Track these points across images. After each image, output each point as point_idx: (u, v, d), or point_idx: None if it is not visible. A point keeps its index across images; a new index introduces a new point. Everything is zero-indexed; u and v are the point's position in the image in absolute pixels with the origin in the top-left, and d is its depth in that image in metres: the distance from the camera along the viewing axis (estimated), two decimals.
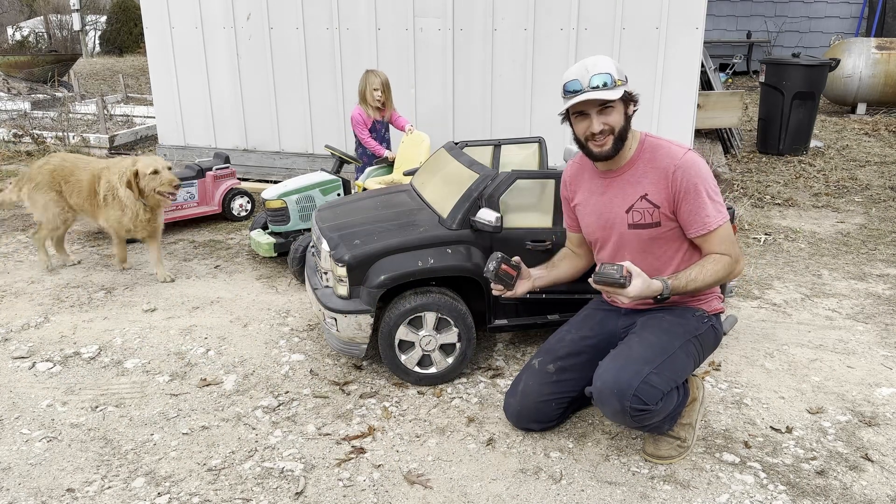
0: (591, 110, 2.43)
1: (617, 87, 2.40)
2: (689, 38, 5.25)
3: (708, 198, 2.43)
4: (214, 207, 5.46)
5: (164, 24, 6.54)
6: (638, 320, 2.64)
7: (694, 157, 2.46)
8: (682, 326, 2.55)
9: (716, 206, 2.44)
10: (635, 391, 2.35)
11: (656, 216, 2.50)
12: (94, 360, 3.36)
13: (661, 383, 2.40)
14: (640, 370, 2.38)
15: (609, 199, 2.60)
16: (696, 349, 2.56)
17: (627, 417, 2.39)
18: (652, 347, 2.47)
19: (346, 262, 2.99)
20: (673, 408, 2.51)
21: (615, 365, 2.44)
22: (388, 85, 5.03)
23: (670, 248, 2.56)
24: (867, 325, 3.69)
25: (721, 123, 7.17)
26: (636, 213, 2.52)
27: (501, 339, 3.57)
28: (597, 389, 2.44)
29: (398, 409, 2.96)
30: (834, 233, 5.15)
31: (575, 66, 2.45)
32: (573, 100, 2.41)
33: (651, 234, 2.53)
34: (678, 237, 2.53)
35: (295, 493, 2.45)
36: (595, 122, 2.43)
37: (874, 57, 9.36)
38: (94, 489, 2.47)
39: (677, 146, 2.50)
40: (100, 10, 20.32)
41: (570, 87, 2.42)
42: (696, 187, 2.41)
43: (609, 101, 2.41)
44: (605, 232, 2.65)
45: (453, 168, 3.38)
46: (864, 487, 2.46)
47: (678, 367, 2.48)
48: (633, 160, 2.54)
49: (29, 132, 8.05)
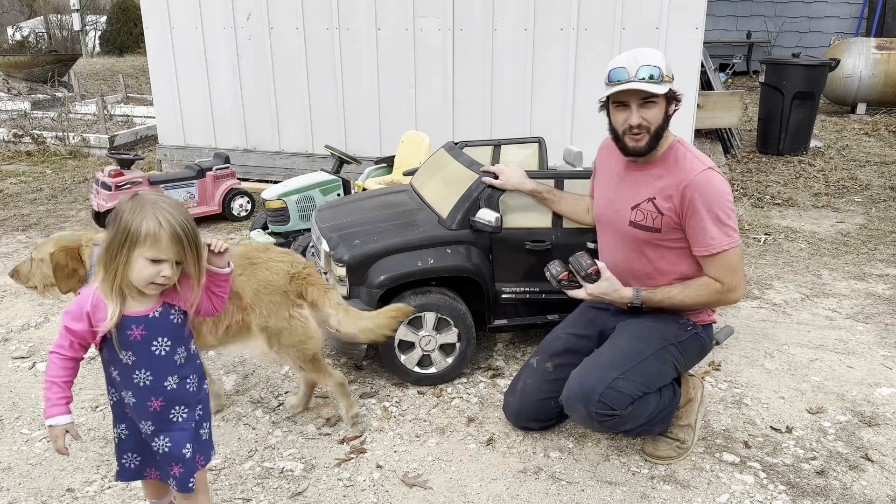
0: (633, 102, 2.36)
1: (664, 83, 2.33)
2: (689, 38, 5.25)
3: (716, 220, 2.36)
4: (214, 207, 5.46)
5: (164, 24, 6.53)
6: (618, 324, 2.63)
7: (710, 177, 2.38)
8: (660, 332, 2.52)
9: (723, 229, 2.36)
10: (600, 396, 2.34)
11: (658, 222, 2.46)
12: (94, 360, 3.36)
13: (630, 388, 2.39)
14: (605, 375, 2.38)
15: (623, 189, 2.58)
16: (674, 355, 2.52)
17: (595, 423, 2.40)
18: (622, 353, 2.46)
19: (346, 262, 2.99)
20: (654, 412, 2.49)
21: (581, 371, 2.45)
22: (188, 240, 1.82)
23: (665, 257, 2.52)
24: (867, 325, 3.69)
25: (721, 123, 7.16)
26: (640, 212, 2.50)
27: (501, 339, 3.57)
28: (564, 397, 2.46)
29: (398, 409, 2.96)
30: (834, 233, 5.15)
31: (624, 54, 2.38)
32: (616, 88, 2.34)
33: (648, 237, 2.51)
34: (677, 249, 2.49)
35: (295, 493, 2.45)
36: (635, 114, 2.36)
37: (874, 57, 9.36)
38: (94, 489, 2.47)
39: (700, 162, 2.42)
40: (100, 10, 20.32)
41: (615, 75, 2.35)
42: (701, 207, 2.35)
43: (652, 96, 2.34)
44: (608, 219, 2.65)
45: (453, 168, 3.37)
46: (864, 487, 2.46)
47: (651, 373, 2.46)
48: (657, 161, 2.49)
49: (29, 132, 8.06)
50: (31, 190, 6.46)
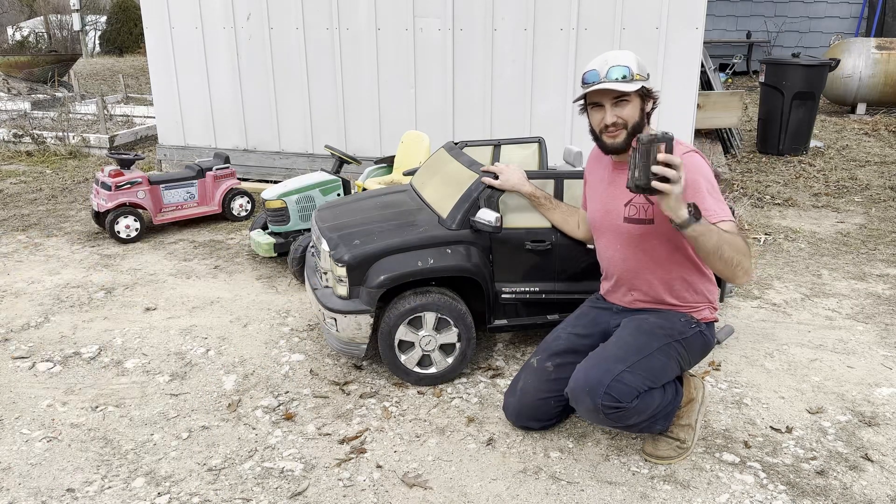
0: (606, 102, 2.46)
1: (634, 81, 2.41)
2: (689, 38, 5.25)
3: (708, 194, 2.41)
4: (214, 207, 5.46)
5: (164, 24, 6.53)
6: (622, 321, 2.65)
7: (694, 157, 2.46)
8: (665, 329, 2.55)
9: (717, 203, 2.43)
10: (606, 388, 2.36)
11: (650, 213, 2.51)
12: (94, 360, 3.36)
13: (636, 382, 2.40)
14: (611, 368, 2.40)
15: (613, 190, 2.63)
16: (678, 352, 2.54)
17: (601, 415, 2.40)
18: (627, 347, 2.49)
19: (346, 262, 2.99)
20: (658, 408, 2.50)
21: (587, 364, 2.47)
22: None
23: (662, 247, 2.55)
24: (867, 325, 3.69)
25: (721, 123, 7.16)
26: (632, 207, 2.55)
27: (501, 339, 3.57)
28: (570, 389, 2.47)
29: (398, 409, 2.96)
30: (834, 233, 5.15)
31: (597, 57, 2.48)
32: (588, 89, 2.45)
33: (642, 230, 2.54)
34: (672, 239, 2.52)
35: (295, 493, 2.45)
36: (609, 113, 2.46)
37: (874, 57, 9.36)
38: (94, 489, 2.47)
39: (683, 146, 2.50)
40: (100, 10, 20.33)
41: (588, 77, 2.46)
42: (694, 182, 2.40)
43: (624, 94, 2.42)
44: (604, 221, 2.68)
45: (453, 168, 3.37)
46: (864, 487, 2.46)
47: (656, 368, 2.48)
48: None
49: (29, 132, 8.06)
50: (31, 190, 6.46)
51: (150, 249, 4.92)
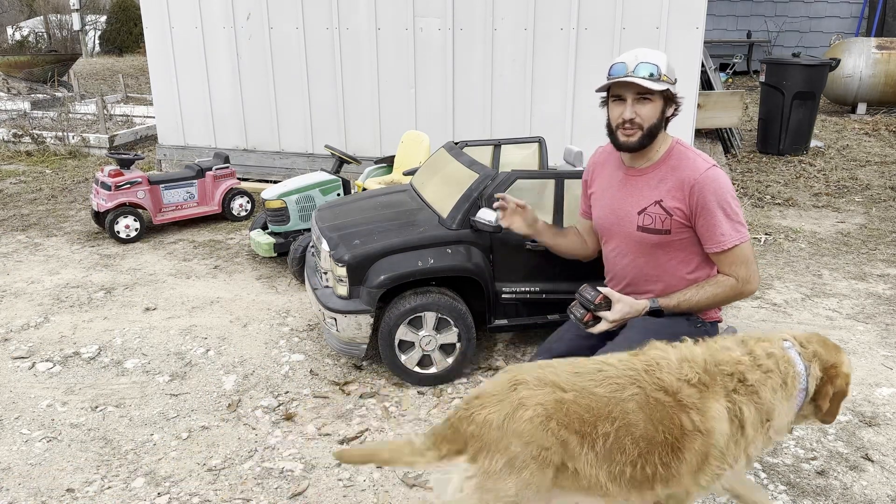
0: (628, 96, 2.41)
1: (661, 82, 2.37)
2: (689, 38, 5.25)
3: (725, 216, 2.39)
4: (214, 207, 5.46)
5: (163, 24, 6.53)
6: (629, 321, 2.64)
7: (716, 174, 2.42)
8: (671, 329, 2.53)
9: (733, 225, 2.40)
10: None
11: (667, 224, 2.48)
12: (94, 360, 3.36)
13: None
14: None
15: (625, 195, 2.59)
16: None
17: None
18: (632, 345, 2.47)
19: (346, 262, 2.99)
20: None
21: None
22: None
23: (675, 258, 2.53)
24: (867, 325, 3.69)
25: (721, 123, 7.16)
26: (648, 216, 2.51)
27: (501, 339, 3.57)
28: None
29: (398, 409, 2.96)
30: (834, 233, 5.15)
31: (628, 52, 2.45)
32: (612, 80, 2.40)
33: (658, 240, 2.51)
34: (686, 249, 2.50)
35: (295, 493, 2.45)
36: (628, 108, 2.41)
37: (874, 57, 9.35)
38: (94, 489, 2.47)
39: (703, 160, 2.47)
40: (100, 10, 20.33)
41: (615, 70, 2.41)
42: (712, 204, 2.38)
43: (647, 92, 2.38)
44: (613, 227, 2.64)
45: (453, 168, 3.37)
46: (865, 487, 2.46)
47: None
48: (658, 163, 2.52)
49: (29, 132, 8.06)
50: (30, 190, 6.46)
51: (149, 249, 4.91)
